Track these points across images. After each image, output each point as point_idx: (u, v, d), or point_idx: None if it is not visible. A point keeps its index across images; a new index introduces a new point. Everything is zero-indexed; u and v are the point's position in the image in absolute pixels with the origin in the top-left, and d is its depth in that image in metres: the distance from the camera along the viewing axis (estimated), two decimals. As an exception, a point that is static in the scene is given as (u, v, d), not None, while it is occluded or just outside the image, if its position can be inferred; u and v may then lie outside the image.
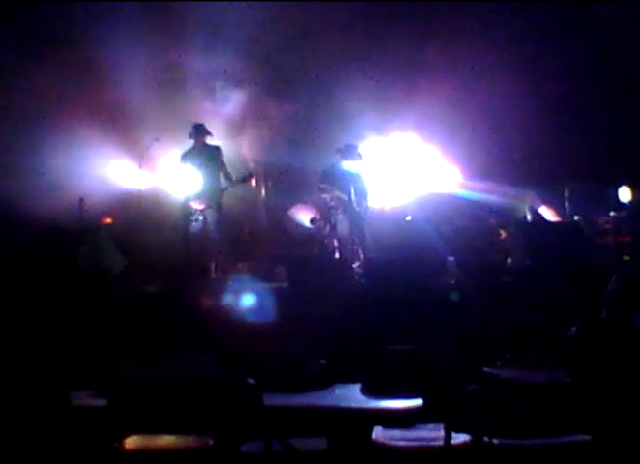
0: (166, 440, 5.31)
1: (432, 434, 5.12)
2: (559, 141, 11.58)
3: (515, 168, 11.30)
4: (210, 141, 10.20)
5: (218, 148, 10.14)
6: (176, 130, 10.88)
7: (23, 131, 10.74)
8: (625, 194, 10.74)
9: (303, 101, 12.26)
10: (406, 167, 12.11)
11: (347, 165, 10.52)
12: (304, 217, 11.07)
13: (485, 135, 11.63)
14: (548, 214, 10.14)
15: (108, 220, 11.03)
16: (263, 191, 11.31)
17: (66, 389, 5.23)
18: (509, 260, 9.51)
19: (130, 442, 5.29)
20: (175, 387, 4.97)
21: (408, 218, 11.04)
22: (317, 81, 12.08)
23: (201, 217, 9.81)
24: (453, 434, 4.86)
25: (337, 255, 10.34)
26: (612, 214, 10.16)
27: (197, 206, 9.85)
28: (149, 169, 11.49)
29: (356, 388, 5.45)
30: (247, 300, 8.32)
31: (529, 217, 10.17)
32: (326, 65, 11.93)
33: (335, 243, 10.58)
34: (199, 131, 10.15)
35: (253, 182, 10.69)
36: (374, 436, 5.17)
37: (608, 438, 4.86)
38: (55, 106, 11.00)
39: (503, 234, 9.98)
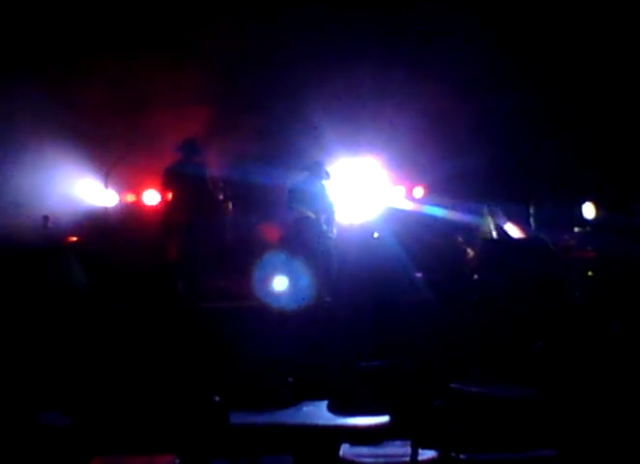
0: (132, 460, 5.26)
1: (400, 450, 5.13)
2: (523, 158, 11.70)
3: (480, 185, 11.38)
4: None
5: (204, 166, 10.26)
6: (140, 147, 10.88)
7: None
8: (588, 211, 10.86)
9: (270, 117, 12.28)
10: (372, 185, 12.16)
11: (314, 183, 10.53)
12: (271, 236, 11.06)
13: (450, 153, 11.71)
14: (514, 230, 10.21)
15: (73, 239, 10.94)
16: (230, 207, 11.28)
17: (32, 408, 5.18)
18: (476, 276, 9.56)
19: (96, 463, 5.24)
20: (140, 406, 4.93)
21: (375, 235, 11.06)
22: (286, 97, 12.10)
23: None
24: (421, 450, 4.87)
25: (305, 273, 10.32)
26: (576, 230, 10.26)
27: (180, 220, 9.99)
28: (115, 187, 11.46)
29: (323, 405, 5.45)
30: (215, 317, 8.30)
31: (494, 234, 10.22)
32: (295, 82, 11.97)
33: (303, 259, 10.56)
34: (191, 148, 10.26)
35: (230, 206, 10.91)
36: (342, 453, 5.17)
37: (573, 453, 4.90)
38: (20, 125, 10.93)
39: (470, 252, 10.03)
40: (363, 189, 12.16)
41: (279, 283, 9.32)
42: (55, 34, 11.36)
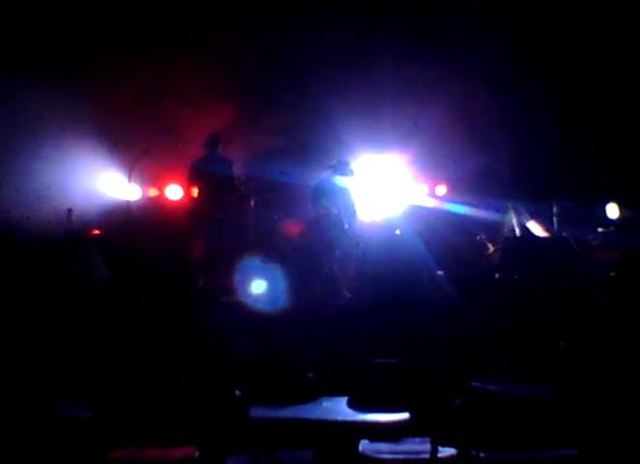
0: (152, 452, 5.28)
1: (419, 447, 5.12)
2: (547, 157, 11.63)
3: (503, 183, 11.33)
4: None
5: (229, 161, 10.34)
6: (164, 142, 10.95)
7: (13, 141, 10.72)
8: (612, 211, 10.76)
9: (293, 114, 12.29)
10: (394, 182, 12.12)
11: (338, 181, 10.53)
12: (293, 232, 11.05)
13: (474, 151, 11.66)
14: (537, 228, 10.14)
15: (96, 232, 10.99)
16: (253, 203, 11.29)
17: (52, 399, 5.21)
18: (497, 275, 9.51)
19: (117, 454, 5.27)
20: (161, 398, 4.95)
21: (397, 232, 11.03)
22: (308, 94, 12.09)
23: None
24: (440, 447, 4.86)
25: (327, 269, 10.32)
26: (600, 230, 10.17)
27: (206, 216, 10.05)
28: (138, 182, 11.50)
29: (343, 401, 5.44)
30: (236, 312, 8.32)
31: (517, 232, 10.16)
32: (318, 78, 11.96)
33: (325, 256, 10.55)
34: (215, 143, 10.34)
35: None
36: (361, 449, 5.16)
37: (593, 453, 4.87)
38: (45, 120, 11.01)
39: (491, 248, 9.98)
40: (387, 187, 12.13)
41: (257, 286, 9.38)
42: (82, 29, 11.42)
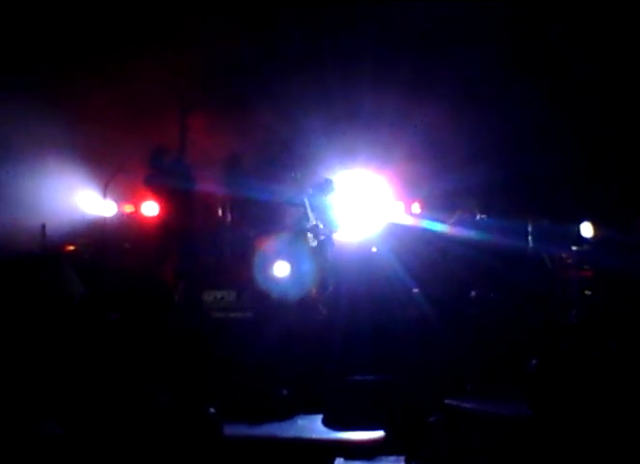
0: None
1: (394, 466, 5.11)
2: (523, 176, 11.71)
3: (479, 201, 11.40)
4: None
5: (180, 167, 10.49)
6: (140, 158, 10.93)
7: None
8: (586, 230, 10.84)
9: (270, 131, 12.31)
10: (370, 199, 12.15)
11: (322, 199, 10.62)
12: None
13: (449, 169, 11.72)
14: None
15: (71, 248, 10.92)
16: (229, 219, 11.29)
17: (27, 418, 5.16)
18: (473, 293, 9.54)
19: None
20: (134, 416, 4.91)
21: (374, 250, 11.06)
22: (286, 112, 12.11)
23: None
24: (415, 466, 4.85)
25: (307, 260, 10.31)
26: (574, 248, 10.25)
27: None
28: (114, 198, 11.46)
29: (318, 418, 5.42)
30: (211, 328, 8.27)
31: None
32: (295, 96, 11.99)
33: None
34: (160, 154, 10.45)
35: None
36: (336, 467, 5.15)
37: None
38: (20, 136, 10.97)
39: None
40: (363, 204, 12.14)
41: (281, 269, 9.23)
42: (57, 44, 11.40)
